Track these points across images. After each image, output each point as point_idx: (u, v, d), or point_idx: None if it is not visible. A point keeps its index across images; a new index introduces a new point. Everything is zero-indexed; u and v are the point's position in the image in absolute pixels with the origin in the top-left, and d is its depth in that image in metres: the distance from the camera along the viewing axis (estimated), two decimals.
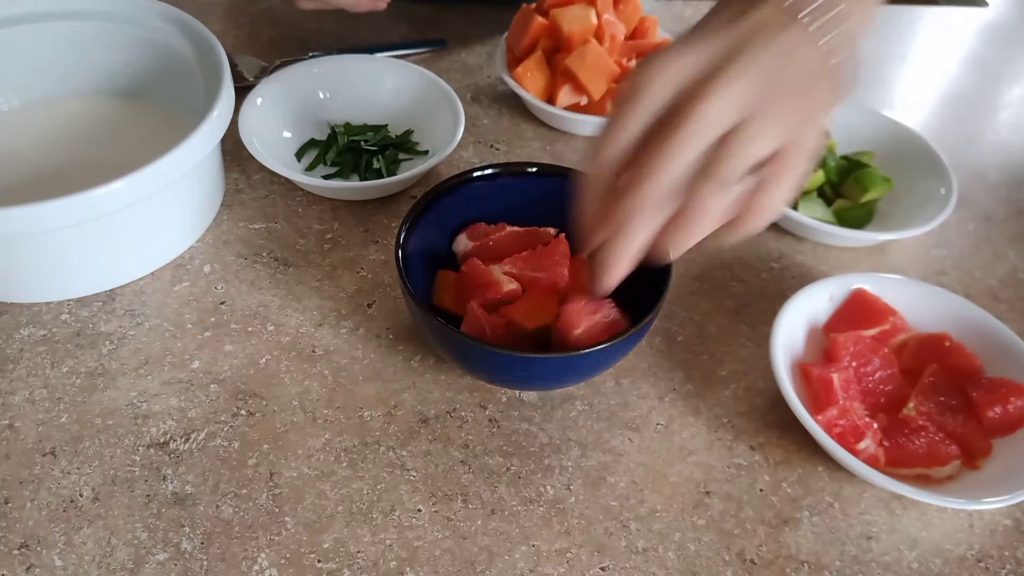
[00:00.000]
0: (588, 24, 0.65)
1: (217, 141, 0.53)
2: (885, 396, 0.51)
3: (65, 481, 0.44)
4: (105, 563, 0.41)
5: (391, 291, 0.56)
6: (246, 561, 0.42)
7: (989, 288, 0.62)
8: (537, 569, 0.43)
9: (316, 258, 0.57)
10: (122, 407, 0.48)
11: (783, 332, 0.50)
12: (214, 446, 0.46)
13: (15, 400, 0.47)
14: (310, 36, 0.77)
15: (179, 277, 0.55)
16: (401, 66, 0.67)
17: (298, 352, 0.51)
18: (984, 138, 0.78)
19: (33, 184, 0.57)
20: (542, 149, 0.69)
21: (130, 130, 0.62)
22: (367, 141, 0.64)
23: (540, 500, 0.46)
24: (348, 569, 0.42)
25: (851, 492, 0.48)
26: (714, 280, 0.59)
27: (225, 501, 0.44)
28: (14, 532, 0.42)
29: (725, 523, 0.46)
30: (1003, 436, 0.48)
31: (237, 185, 0.62)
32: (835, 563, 0.44)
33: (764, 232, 0.63)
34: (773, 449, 0.49)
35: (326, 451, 0.47)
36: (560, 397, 0.51)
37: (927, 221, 0.60)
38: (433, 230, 0.51)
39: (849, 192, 0.64)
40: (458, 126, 0.61)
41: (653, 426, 0.50)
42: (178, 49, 0.60)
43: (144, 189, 0.48)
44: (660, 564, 0.43)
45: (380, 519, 0.44)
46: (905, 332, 0.53)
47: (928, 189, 0.63)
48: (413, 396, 0.50)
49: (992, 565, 0.45)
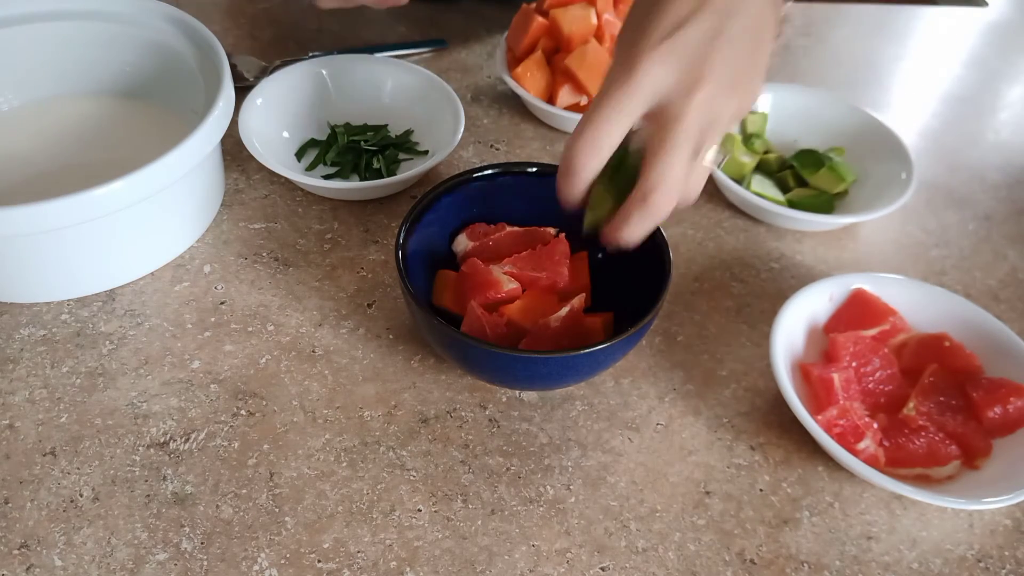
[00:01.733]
0: (588, 24, 0.65)
1: (217, 141, 0.53)
2: (885, 396, 0.50)
3: (65, 481, 0.44)
4: (105, 563, 0.41)
5: (391, 291, 0.56)
6: (246, 561, 0.42)
7: (989, 288, 0.62)
8: (537, 569, 0.43)
9: (316, 258, 0.57)
10: (122, 407, 0.48)
11: (783, 332, 0.50)
12: (214, 446, 0.46)
13: (15, 400, 0.47)
14: (310, 36, 0.77)
15: (179, 277, 0.55)
16: (401, 66, 0.67)
17: (298, 352, 0.51)
18: (984, 138, 0.78)
19: (33, 184, 0.57)
20: (542, 149, 0.69)
21: (130, 130, 0.62)
22: (367, 141, 0.64)
23: (540, 500, 0.46)
24: (348, 569, 0.42)
25: (851, 492, 0.48)
26: (714, 280, 0.59)
27: (225, 501, 0.44)
28: (14, 532, 0.42)
29: (725, 523, 0.46)
30: (1003, 436, 0.48)
31: (237, 185, 0.62)
32: (835, 563, 0.44)
33: (764, 232, 0.63)
34: (773, 449, 0.49)
35: (326, 451, 0.47)
36: (560, 397, 0.51)
37: (887, 205, 0.61)
38: (433, 230, 0.52)
39: (821, 182, 0.64)
40: (458, 126, 0.61)
41: (653, 426, 0.50)
42: (178, 49, 0.60)
43: (144, 189, 0.48)
44: (660, 564, 0.43)
45: (380, 519, 0.44)
46: (905, 332, 0.53)
47: (890, 174, 0.64)
48: (413, 396, 0.50)
49: (992, 565, 0.45)
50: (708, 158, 0.41)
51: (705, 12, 0.38)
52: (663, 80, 0.38)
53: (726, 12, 0.38)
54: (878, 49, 0.88)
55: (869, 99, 0.80)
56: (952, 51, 0.90)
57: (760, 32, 0.40)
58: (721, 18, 0.38)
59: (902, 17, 0.94)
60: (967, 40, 0.92)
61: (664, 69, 0.38)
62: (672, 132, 0.38)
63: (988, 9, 0.99)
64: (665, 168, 0.39)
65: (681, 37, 0.38)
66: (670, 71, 0.38)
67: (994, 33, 0.94)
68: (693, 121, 0.38)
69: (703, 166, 0.41)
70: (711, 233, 0.63)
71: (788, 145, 0.69)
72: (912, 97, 0.82)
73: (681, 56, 0.38)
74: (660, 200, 0.39)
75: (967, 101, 0.82)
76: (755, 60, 0.40)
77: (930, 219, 0.67)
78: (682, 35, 0.38)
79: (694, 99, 0.38)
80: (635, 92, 0.38)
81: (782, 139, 0.70)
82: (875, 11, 0.94)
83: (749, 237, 0.63)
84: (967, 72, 0.87)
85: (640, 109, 0.39)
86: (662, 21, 0.38)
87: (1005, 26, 0.95)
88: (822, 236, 0.64)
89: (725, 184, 0.62)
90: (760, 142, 0.67)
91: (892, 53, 0.88)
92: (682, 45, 0.38)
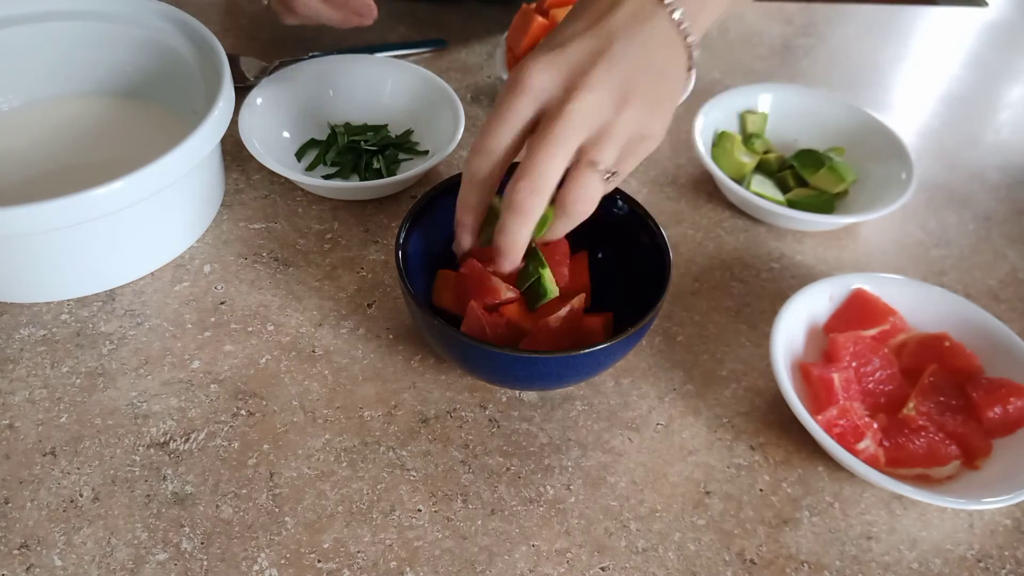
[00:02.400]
0: None
1: (217, 141, 0.53)
2: (885, 396, 0.51)
3: (65, 481, 0.44)
4: (105, 563, 0.41)
5: (391, 291, 0.56)
6: (246, 561, 0.42)
7: (989, 288, 0.62)
8: (537, 569, 0.43)
9: (316, 258, 0.57)
10: (122, 407, 0.48)
11: (783, 332, 0.50)
12: (214, 446, 0.46)
13: (15, 400, 0.47)
14: (310, 36, 0.76)
15: (179, 277, 0.55)
16: (401, 66, 0.67)
17: (298, 352, 0.51)
18: (984, 138, 0.78)
19: (33, 184, 0.57)
20: None
21: (130, 130, 0.62)
22: (367, 141, 0.64)
23: (540, 500, 0.46)
24: (348, 569, 0.42)
25: (851, 492, 0.48)
26: (714, 280, 0.59)
27: (225, 501, 0.44)
28: (14, 532, 0.42)
29: (725, 523, 0.46)
30: (1003, 436, 0.48)
31: (237, 185, 0.62)
32: (835, 563, 0.44)
33: (764, 232, 0.63)
34: (773, 449, 0.49)
35: (326, 451, 0.47)
36: (560, 397, 0.51)
37: (887, 205, 0.61)
38: (433, 230, 0.51)
39: (821, 182, 0.64)
40: (458, 126, 0.61)
41: (653, 426, 0.50)
42: (178, 49, 0.60)
43: (144, 189, 0.48)
44: (660, 564, 0.43)
45: (380, 519, 0.44)
46: (905, 332, 0.53)
47: (890, 174, 0.64)
48: (413, 396, 0.50)
49: (992, 565, 0.45)
50: (601, 168, 0.41)
51: (591, 32, 0.41)
52: (547, 83, 0.40)
53: (611, 35, 0.40)
54: (878, 49, 0.88)
55: (869, 99, 0.80)
56: (952, 51, 0.90)
57: (653, 59, 0.41)
58: (606, 40, 0.40)
59: (902, 17, 0.94)
60: (967, 40, 0.92)
61: (547, 76, 0.40)
62: (545, 130, 0.40)
63: (988, 9, 0.99)
64: (532, 165, 0.40)
65: (566, 51, 0.40)
66: (552, 77, 0.40)
67: (994, 33, 0.94)
68: (570, 123, 0.39)
69: (592, 174, 0.41)
70: (711, 233, 0.63)
71: (788, 145, 0.69)
72: (912, 97, 0.82)
73: (563, 66, 0.40)
74: (523, 194, 0.40)
75: (967, 101, 0.82)
76: (653, 84, 0.41)
77: (930, 219, 0.67)
78: (567, 49, 0.40)
79: (571, 103, 0.39)
80: (521, 95, 0.40)
81: (782, 139, 0.70)
82: (875, 11, 0.94)
83: (749, 237, 0.63)
84: (967, 72, 0.87)
85: (527, 111, 0.41)
86: (553, 38, 0.42)
87: (1005, 26, 0.95)
88: (822, 236, 0.64)
89: (725, 184, 0.62)
90: (760, 142, 0.67)
91: (892, 53, 0.88)
92: (565, 57, 0.40)
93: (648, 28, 0.41)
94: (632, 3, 0.41)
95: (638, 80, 0.40)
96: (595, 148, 0.41)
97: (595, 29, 0.41)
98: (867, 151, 0.67)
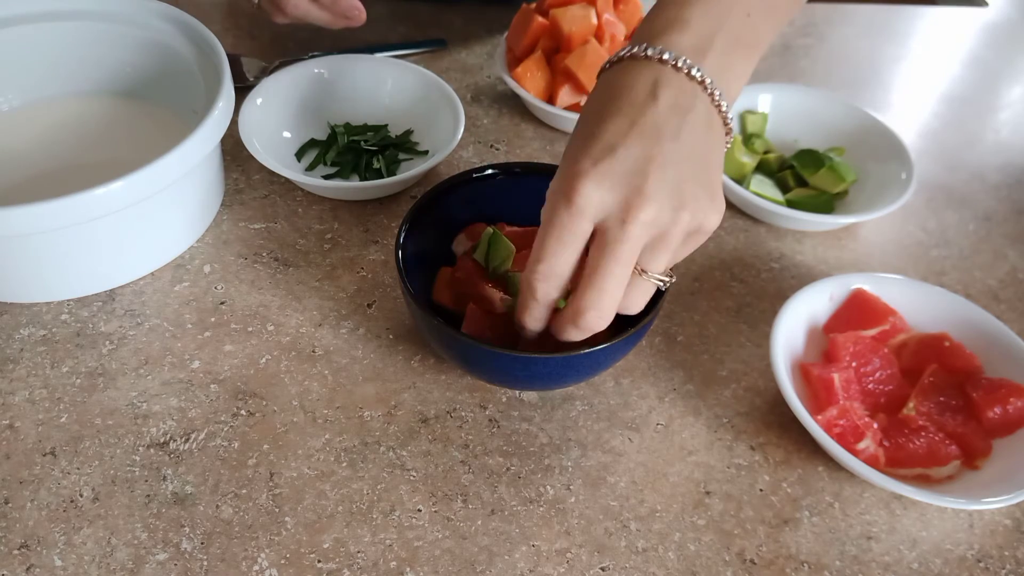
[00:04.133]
0: (588, 24, 0.65)
1: (217, 141, 0.53)
2: (885, 396, 0.51)
3: (65, 481, 0.44)
4: (105, 563, 0.41)
5: (391, 291, 0.56)
6: (246, 561, 0.42)
7: (989, 288, 0.62)
8: (537, 569, 0.43)
9: (316, 258, 0.57)
10: (122, 407, 0.48)
11: (783, 332, 0.50)
12: (214, 446, 0.46)
13: (15, 400, 0.47)
14: (310, 36, 0.76)
15: (179, 277, 0.55)
16: (401, 66, 0.67)
17: (298, 352, 0.51)
18: (984, 138, 0.78)
19: (33, 184, 0.57)
20: (542, 149, 0.69)
21: (130, 130, 0.62)
22: (367, 141, 0.64)
23: (540, 500, 0.46)
24: (348, 569, 0.42)
25: (851, 492, 0.48)
26: (714, 280, 0.59)
27: (225, 501, 0.44)
28: (14, 532, 0.42)
29: (725, 523, 0.46)
30: (1003, 436, 0.48)
31: (237, 185, 0.62)
32: (835, 563, 0.44)
33: (764, 232, 0.63)
34: (773, 449, 0.49)
35: (326, 451, 0.47)
36: (560, 397, 0.51)
37: (887, 205, 0.61)
38: (433, 230, 0.52)
39: (821, 182, 0.64)
40: (458, 126, 0.61)
41: (653, 426, 0.50)
42: (178, 49, 0.60)
43: (144, 189, 0.48)
44: (660, 564, 0.43)
45: (380, 519, 0.44)
46: (905, 332, 0.53)
47: (890, 174, 0.64)
48: (413, 396, 0.50)
49: (992, 565, 0.45)
50: (655, 272, 0.41)
51: (636, 132, 0.38)
52: (602, 201, 0.38)
53: (658, 134, 0.38)
54: (878, 49, 0.88)
55: (869, 99, 0.80)
56: (952, 51, 0.90)
57: (699, 148, 0.40)
58: (654, 139, 0.38)
59: (902, 17, 0.94)
60: (967, 40, 0.92)
61: (601, 191, 0.38)
62: (609, 256, 0.39)
63: (988, 9, 0.99)
64: (599, 292, 0.39)
65: (616, 158, 0.38)
66: (608, 193, 0.38)
67: (994, 33, 0.94)
68: (631, 245, 0.38)
69: (647, 282, 0.41)
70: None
71: (788, 145, 0.69)
72: (912, 97, 0.82)
73: (616, 180, 0.38)
74: (592, 321, 0.40)
75: (967, 101, 0.82)
76: (703, 175, 0.40)
77: (930, 219, 0.67)
78: (617, 156, 0.38)
79: (633, 223, 0.38)
80: (578, 216, 0.38)
81: (782, 139, 0.70)
82: (875, 11, 0.94)
83: (749, 237, 0.63)
84: (967, 72, 0.87)
85: (586, 228, 0.39)
86: (597, 143, 0.39)
87: (1005, 26, 0.95)
88: (822, 236, 0.64)
89: (725, 184, 0.62)
90: (760, 142, 0.67)
91: (892, 53, 0.88)
92: (617, 168, 0.38)
93: (692, 118, 0.39)
94: (672, 90, 0.39)
95: (690, 178, 0.39)
96: (652, 259, 0.40)
97: (640, 127, 0.39)
98: (867, 151, 0.67)
